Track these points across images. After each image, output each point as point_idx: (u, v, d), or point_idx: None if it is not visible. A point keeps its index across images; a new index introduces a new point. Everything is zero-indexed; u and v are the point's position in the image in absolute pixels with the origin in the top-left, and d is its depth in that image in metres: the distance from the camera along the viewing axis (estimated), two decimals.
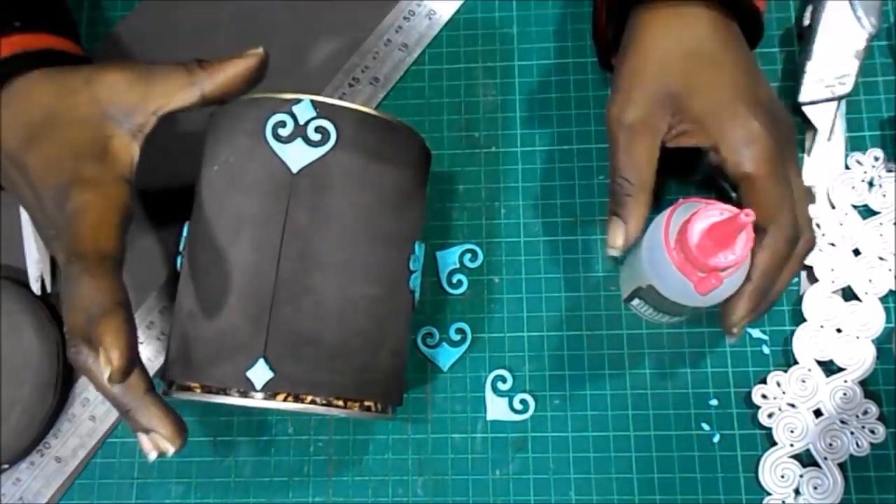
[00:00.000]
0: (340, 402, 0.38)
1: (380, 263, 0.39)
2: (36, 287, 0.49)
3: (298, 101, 0.38)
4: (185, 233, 0.41)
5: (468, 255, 0.48)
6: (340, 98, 0.49)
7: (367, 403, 0.39)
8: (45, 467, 0.47)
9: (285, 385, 0.37)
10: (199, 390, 0.37)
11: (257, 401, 0.37)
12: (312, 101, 0.38)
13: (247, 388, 0.36)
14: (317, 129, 0.38)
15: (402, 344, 0.41)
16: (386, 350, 0.40)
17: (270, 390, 0.37)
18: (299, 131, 0.38)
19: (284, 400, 0.37)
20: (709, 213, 0.35)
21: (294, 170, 0.38)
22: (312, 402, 0.37)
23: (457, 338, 0.47)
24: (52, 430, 0.47)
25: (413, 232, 0.42)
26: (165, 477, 0.47)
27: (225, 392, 0.37)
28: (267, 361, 0.36)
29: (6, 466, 0.46)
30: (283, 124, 0.38)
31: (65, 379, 0.47)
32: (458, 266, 0.48)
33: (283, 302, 0.37)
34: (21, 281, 0.49)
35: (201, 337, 0.38)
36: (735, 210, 0.34)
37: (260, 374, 0.36)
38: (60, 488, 0.47)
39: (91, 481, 0.47)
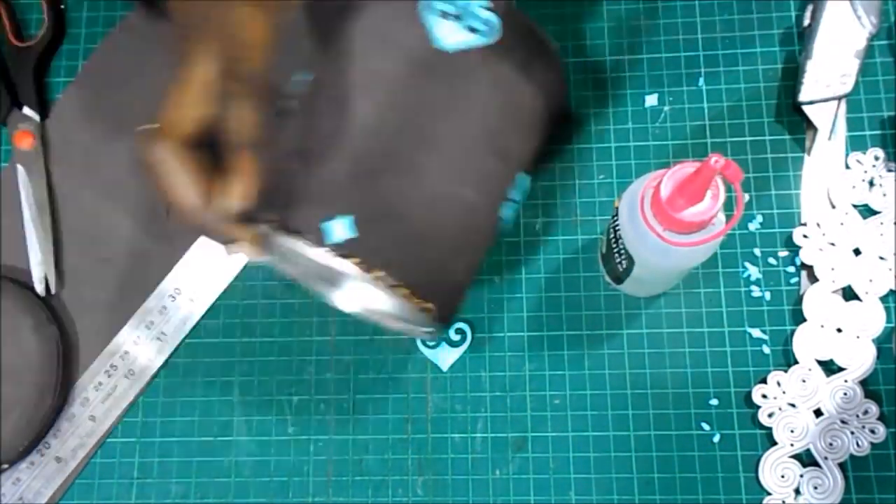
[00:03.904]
0: (405, 291, 0.36)
1: (488, 174, 0.38)
2: (40, 288, 0.49)
3: None
4: (298, 77, 0.39)
5: None
6: None
7: (427, 305, 0.37)
8: (44, 467, 0.47)
9: (363, 251, 0.35)
10: (276, 226, 0.35)
11: (328, 256, 0.35)
12: None
13: (323, 240, 0.35)
14: (485, 21, 0.37)
15: (476, 263, 0.40)
16: (462, 261, 0.39)
17: (347, 249, 0.35)
18: (463, 13, 0.37)
19: (356, 264, 0.35)
20: (681, 169, 0.34)
21: (445, 48, 0.37)
22: (378, 279, 0.35)
23: (457, 338, 0.47)
24: (51, 431, 0.47)
25: (525, 160, 0.41)
26: (165, 477, 0.47)
27: (300, 235, 0.35)
28: (354, 221, 0.35)
29: (6, 466, 0.46)
30: None
31: (64, 379, 0.48)
32: None
33: (387, 171, 0.36)
34: (21, 281, 0.49)
35: (298, 177, 0.36)
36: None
37: (343, 230, 0.35)
38: (60, 488, 0.47)
39: (91, 481, 0.47)
